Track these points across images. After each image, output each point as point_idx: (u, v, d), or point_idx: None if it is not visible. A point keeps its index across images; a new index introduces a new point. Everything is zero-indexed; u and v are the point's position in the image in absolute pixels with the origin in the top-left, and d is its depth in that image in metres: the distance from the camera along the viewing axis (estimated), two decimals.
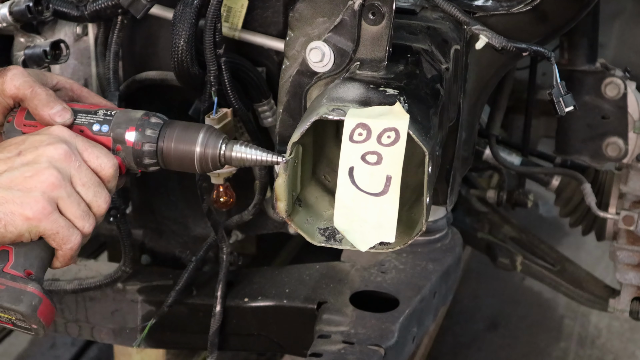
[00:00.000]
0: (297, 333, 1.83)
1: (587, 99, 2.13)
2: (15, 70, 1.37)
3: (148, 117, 1.38)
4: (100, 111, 1.38)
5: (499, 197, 2.46)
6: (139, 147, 1.36)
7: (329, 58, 1.43)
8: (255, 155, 1.35)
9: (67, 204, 1.29)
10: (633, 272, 2.21)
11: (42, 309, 1.28)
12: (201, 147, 1.36)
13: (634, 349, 3.01)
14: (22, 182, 1.27)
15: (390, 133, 1.27)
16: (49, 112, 1.35)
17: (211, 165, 1.37)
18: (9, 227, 1.26)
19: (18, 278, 1.28)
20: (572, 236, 3.35)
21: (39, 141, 1.30)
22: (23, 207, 1.26)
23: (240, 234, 1.96)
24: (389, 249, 1.34)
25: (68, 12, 1.66)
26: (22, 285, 1.28)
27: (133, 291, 1.90)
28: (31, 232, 1.28)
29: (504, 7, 1.59)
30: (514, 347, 3.03)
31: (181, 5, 1.60)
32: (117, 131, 1.36)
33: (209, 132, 1.37)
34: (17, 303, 1.27)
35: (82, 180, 1.31)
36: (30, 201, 1.26)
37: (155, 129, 1.37)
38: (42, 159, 1.28)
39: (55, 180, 1.28)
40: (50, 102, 1.36)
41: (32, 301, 1.27)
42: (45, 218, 1.27)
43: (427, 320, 1.89)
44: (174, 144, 1.37)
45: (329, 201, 1.42)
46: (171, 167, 1.39)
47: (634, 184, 2.15)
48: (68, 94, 1.44)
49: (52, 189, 1.28)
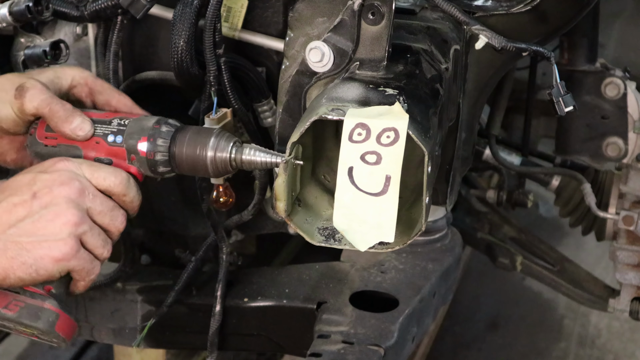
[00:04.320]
0: (296, 333, 1.83)
1: (587, 99, 2.13)
2: (33, 90, 1.41)
3: (159, 125, 1.40)
4: (115, 120, 1.42)
5: (499, 197, 2.46)
6: (152, 156, 1.39)
7: (328, 58, 1.43)
8: (265, 157, 1.38)
9: (89, 237, 1.34)
10: (633, 272, 2.21)
11: (59, 324, 1.33)
12: (212, 152, 1.39)
13: (634, 349, 3.01)
14: (45, 227, 1.30)
15: (389, 133, 1.27)
16: (70, 127, 1.40)
17: (223, 169, 1.40)
18: (40, 272, 1.30)
19: (37, 295, 1.33)
20: (572, 236, 3.35)
21: (51, 180, 1.33)
22: (52, 250, 1.30)
23: (240, 234, 1.96)
24: (389, 249, 1.34)
25: (68, 12, 1.66)
26: (39, 303, 1.32)
27: (133, 291, 1.90)
28: (61, 272, 1.32)
29: (504, 7, 1.59)
30: (514, 347, 3.03)
31: (181, 5, 1.60)
32: (129, 142, 1.40)
33: (219, 136, 1.40)
34: (36, 320, 1.31)
35: (97, 210, 1.35)
36: (59, 244, 1.30)
37: (166, 137, 1.40)
38: (59, 200, 1.32)
39: (77, 219, 1.32)
40: (69, 117, 1.40)
41: (50, 317, 1.32)
42: (74, 257, 1.32)
43: (427, 320, 1.89)
44: (186, 150, 1.39)
45: (328, 201, 1.42)
46: (184, 172, 1.42)
47: (634, 184, 2.15)
48: (84, 89, 1.48)
49: (76, 228, 1.32)
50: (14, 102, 1.41)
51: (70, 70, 1.50)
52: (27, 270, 1.29)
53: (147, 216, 1.99)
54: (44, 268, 1.30)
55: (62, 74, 1.47)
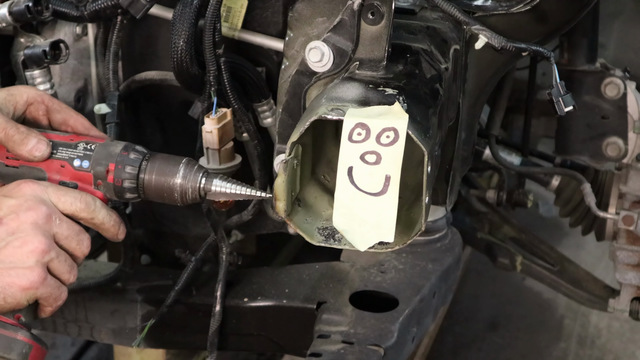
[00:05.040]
0: (296, 333, 1.83)
1: (586, 99, 2.13)
2: None
3: (127, 152, 1.40)
4: (81, 144, 1.40)
5: (498, 197, 2.46)
6: (120, 183, 1.39)
7: (328, 58, 1.43)
8: (235, 189, 1.39)
9: (55, 264, 1.32)
10: (633, 272, 2.21)
11: (33, 354, 1.32)
12: (182, 180, 1.38)
13: (634, 349, 3.01)
14: (12, 254, 1.29)
15: (389, 133, 1.27)
16: (26, 149, 1.38)
17: (191, 198, 1.40)
18: (8, 299, 1.29)
19: (8, 325, 1.32)
20: (572, 236, 3.35)
21: (17, 206, 1.31)
22: (20, 279, 1.28)
23: (240, 234, 1.96)
24: (388, 249, 1.34)
25: (68, 12, 1.66)
26: (12, 334, 1.31)
27: (132, 291, 1.90)
28: (29, 300, 1.31)
29: (504, 7, 1.59)
30: (514, 347, 3.03)
31: (180, 5, 1.60)
32: (97, 168, 1.39)
33: (189, 165, 1.39)
34: (9, 351, 1.30)
35: (64, 234, 1.34)
36: (26, 272, 1.29)
37: (134, 165, 1.39)
38: (25, 226, 1.30)
39: (44, 246, 1.30)
40: (24, 139, 1.38)
41: (23, 349, 1.31)
42: (41, 285, 1.30)
43: (427, 320, 1.89)
44: (155, 177, 1.39)
45: (328, 201, 1.42)
46: (152, 199, 1.42)
47: (634, 184, 2.15)
48: (41, 107, 1.45)
49: (43, 256, 1.30)
50: None
51: (25, 88, 1.47)
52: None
53: (147, 216, 2.00)
54: (12, 296, 1.28)
55: (16, 91, 1.45)
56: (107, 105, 1.71)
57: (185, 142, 1.76)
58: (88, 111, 1.84)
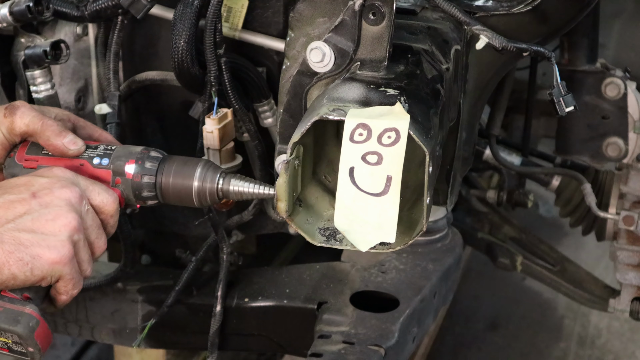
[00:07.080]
0: (297, 333, 1.83)
1: (587, 99, 2.13)
2: (23, 108, 1.40)
3: (148, 151, 1.41)
4: (101, 146, 1.41)
5: (499, 197, 2.46)
6: (138, 179, 1.39)
7: (329, 58, 1.43)
8: (252, 188, 1.39)
9: (80, 248, 1.31)
10: (633, 272, 2.21)
11: (39, 331, 1.28)
12: (199, 182, 1.39)
13: (634, 349, 3.01)
14: (44, 225, 1.27)
15: (390, 133, 1.27)
16: (62, 141, 1.38)
17: (209, 199, 1.40)
18: (35, 271, 1.26)
19: (16, 301, 1.28)
20: (572, 236, 3.35)
21: (51, 183, 1.31)
22: (50, 251, 1.26)
23: (241, 234, 1.95)
24: (389, 249, 1.34)
25: (68, 12, 1.66)
26: (19, 307, 1.27)
27: (133, 291, 1.90)
28: (53, 276, 1.28)
29: (505, 7, 1.59)
30: (514, 347, 3.03)
31: (181, 5, 1.60)
32: (116, 163, 1.39)
33: (206, 166, 1.40)
34: (15, 324, 1.26)
35: (88, 224, 1.33)
36: (57, 244, 1.27)
37: (154, 162, 1.39)
38: (60, 201, 1.29)
39: (76, 223, 1.29)
40: (62, 131, 1.39)
41: (30, 322, 1.27)
42: (69, 262, 1.28)
43: (427, 321, 1.89)
44: (172, 179, 1.39)
45: (329, 201, 1.42)
46: (169, 201, 1.41)
47: (634, 184, 2.15)
48: (67, 125, 1.46)
49: (74, 233, 1.29)
50: (3, 121, 1.39)
51: (52, 108, 1.48)
52: (22, 267, 1.24)
53: (147, 216, 2.00)
54: (40, 268, 1.26)
55: (45, 109, 1.46)
56: (108, 105, 1.71)
57: (186, 142, 1.76)
58: (88, 111, 1.83)
